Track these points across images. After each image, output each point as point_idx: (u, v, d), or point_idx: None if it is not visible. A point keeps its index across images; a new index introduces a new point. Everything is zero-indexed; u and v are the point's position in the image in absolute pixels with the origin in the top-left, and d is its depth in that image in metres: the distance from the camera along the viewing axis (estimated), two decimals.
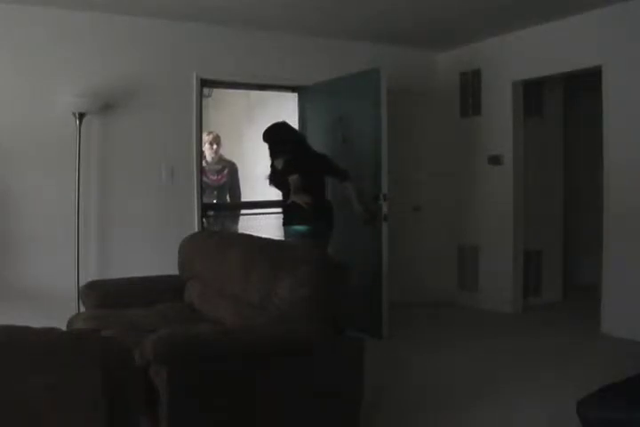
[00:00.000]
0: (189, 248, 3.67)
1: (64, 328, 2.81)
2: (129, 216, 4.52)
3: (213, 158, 5.75)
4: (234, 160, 5.95)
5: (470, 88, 5.55)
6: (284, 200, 4.38)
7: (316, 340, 2.57)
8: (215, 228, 5.58)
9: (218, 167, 5.77)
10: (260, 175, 5.03)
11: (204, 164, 5.44)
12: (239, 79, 5.00)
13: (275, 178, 4.44)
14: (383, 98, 4.42)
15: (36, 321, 2.06)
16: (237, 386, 2.38)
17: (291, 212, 4.30)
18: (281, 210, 4.56)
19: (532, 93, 5.42)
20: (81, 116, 4.19)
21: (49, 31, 4.25)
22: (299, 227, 4.25)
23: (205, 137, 5.52)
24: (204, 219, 5.00)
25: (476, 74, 5.49)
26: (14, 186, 4.17)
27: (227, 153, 5.97)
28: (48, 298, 4.02)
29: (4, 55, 4.13)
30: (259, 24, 4.82)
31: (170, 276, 3.75)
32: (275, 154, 4.38)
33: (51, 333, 1.79)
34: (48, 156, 4.25)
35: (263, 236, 3.51)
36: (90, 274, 4.23)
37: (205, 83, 4.92)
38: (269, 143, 4.39)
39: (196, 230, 4.60)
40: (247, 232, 4.74)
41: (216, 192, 5.76)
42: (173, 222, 4.62)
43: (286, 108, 5.54)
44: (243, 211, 5.97)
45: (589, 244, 5.30)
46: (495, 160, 5.34)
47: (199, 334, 2.52)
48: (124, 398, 1.78)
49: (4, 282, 4.05)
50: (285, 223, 4.39)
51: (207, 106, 5.78)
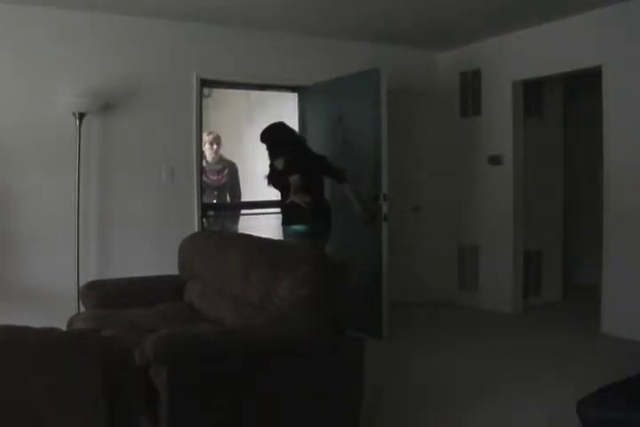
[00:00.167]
0: (189, 248, 3.67)
1: (64, 328, 2.81)
2: (129, 216, 4.52)
3: (213, 158, 5.75)
4: (234, 160, 5.95)
5: (470, 88, 5.55)
6: (283, 200, 4.39)
7: (316, 340, 2.57)
8: (215, 228, 5.58)
9: (218, 167, 5.78)
10: (260, 175, 5.03)
11: (204, 164, 5.44)
12: (239, 79, 5.00)
13: (273, 178, 4.45)
14: (383, 98, 4.42)
15: (36, 321, 2.06)
16: (237, 386, 2.38)
17: (289, 211, 4.31)
18: (280, 210, 4.57)
19: (532, 93, 5.42)
20: (81, 116, 4.19)
21: (49, 31, 4.25)
22: (297, 227, 4.26)
23: (205, 137, 5.52)
24: (204, 219, 5.00)
25: (476, 74, 5.49)
26: (14, 186, 4.17)
27: (227, 153, 5.97)
28: (48, 298, 4.02)
29: (4, 55, 4.13)
30: (259, 24, 4.82)
31: (170, 276, 3.75)
32: (274, 154, 4.38)
33: (51, 333, 1.78)
34: (48, 156, 4.25)
35: (263, 236, 3.51)
36: (90, 274, 4.23)
37: (205, 83, 4.92)
38: (268, 144, 4.39)
39: (196, 230, 4.60)
40: (247, 232, 4.74)
41: (216, 192, 5.75)
42: (173, 222, 4.62)
43: (286, 108, 5.55)
44: (243, 211, 5.97)
45: (589, 244, 5.30)
46: (495, 160, 5.34)
47: (199, 334, 2.52)
48: (124, 398, 1.78)
49: (4, 282, 4.05)
50: (284, 223, 4.39)
51: (207, 106, 5.78)
